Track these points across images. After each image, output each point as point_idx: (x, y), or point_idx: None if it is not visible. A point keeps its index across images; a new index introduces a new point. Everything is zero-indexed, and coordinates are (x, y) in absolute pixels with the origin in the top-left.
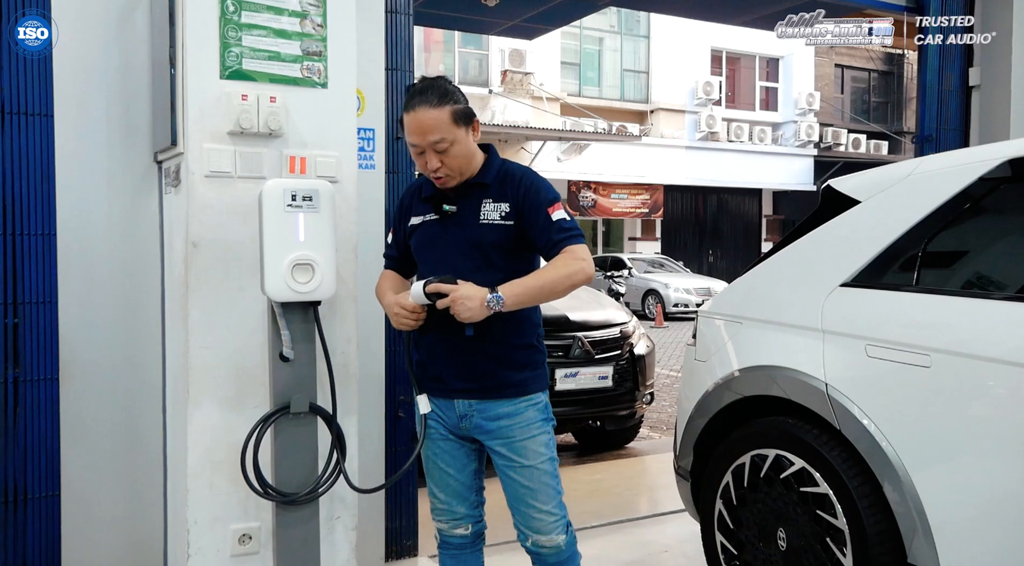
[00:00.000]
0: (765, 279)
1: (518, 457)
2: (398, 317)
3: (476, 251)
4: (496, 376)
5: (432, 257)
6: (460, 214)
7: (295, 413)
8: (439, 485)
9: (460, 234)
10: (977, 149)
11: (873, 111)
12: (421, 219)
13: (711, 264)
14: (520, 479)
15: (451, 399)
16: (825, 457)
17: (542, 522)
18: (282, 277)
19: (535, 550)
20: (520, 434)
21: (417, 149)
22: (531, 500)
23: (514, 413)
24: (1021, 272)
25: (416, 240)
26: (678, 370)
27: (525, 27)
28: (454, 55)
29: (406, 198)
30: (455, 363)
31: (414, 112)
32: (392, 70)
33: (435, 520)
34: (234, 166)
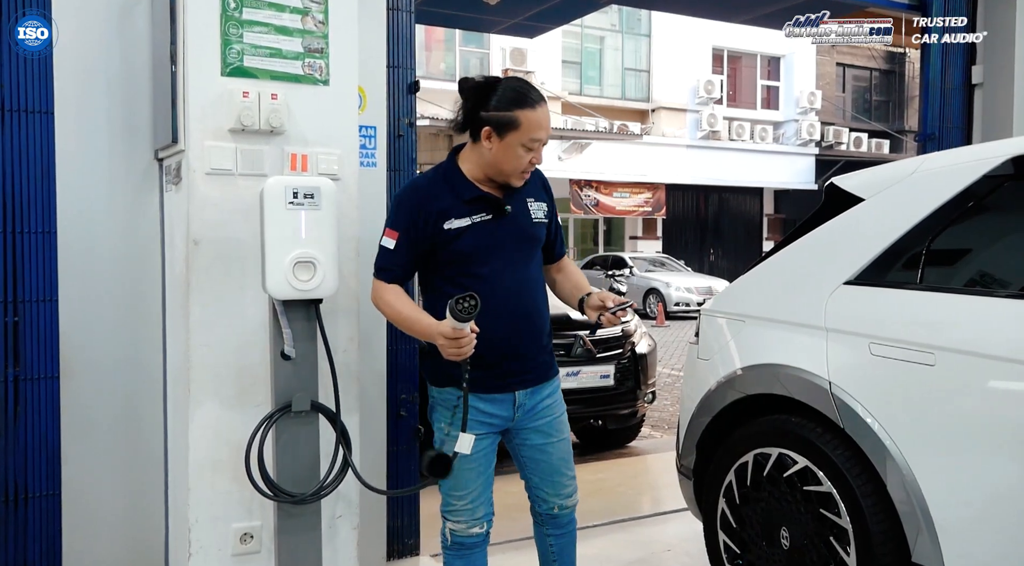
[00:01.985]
0: (768, 277)
1: (556, 432)
2: (453, 347)
3: (529, 247)
4: (546, 360)
5: (491, 258)
6: (514, 213)
7: (297, 412)
8: (467, 486)
9: (516, 232)
10: (980, 147)
11: (875, 110)
12: (469, 220)
13: (712, 263)
14: (557, 452)
15: (512, 391)
16: (828, 456)
17: (570, 487)
18: (284, 275)
19: (556, 514)
20: (558, 410)
21: (536, 144)
22: (564, 469)
23: (554, 392)
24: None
25: (468, 242)
26: (680, 369)
27: (526, 25)
28: (455, 54)
29: (429, 201)
30: (526, 354)
31: (542, 107)
32: (394, 67)
33: (451, 521)
34: (235, 164)
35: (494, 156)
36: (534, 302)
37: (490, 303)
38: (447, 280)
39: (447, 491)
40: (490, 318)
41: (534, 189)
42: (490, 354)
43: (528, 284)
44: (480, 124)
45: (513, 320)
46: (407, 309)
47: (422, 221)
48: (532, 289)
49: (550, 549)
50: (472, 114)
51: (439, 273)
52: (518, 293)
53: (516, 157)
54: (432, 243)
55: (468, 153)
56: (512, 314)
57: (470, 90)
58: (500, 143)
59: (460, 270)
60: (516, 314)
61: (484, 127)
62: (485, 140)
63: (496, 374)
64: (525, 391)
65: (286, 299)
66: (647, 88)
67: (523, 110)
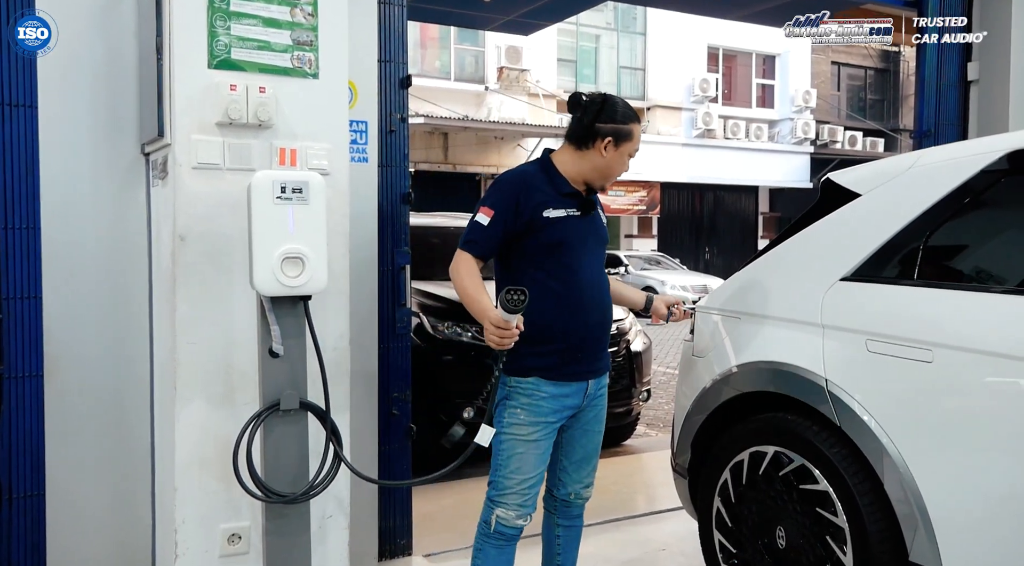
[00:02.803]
0: (764, 273)
1: (599, 422)
2: (496, 335)
3: (602, 246)
4: (608, 353)
5: (577, 251)
6: (594, 214)
7: (285, 410)
8: (529, 471)
9: (595, 231)
10: (978, 141)
11: (869, 108)
12: (564, 212)
13: (707, 261)
14: (594, 441)
15: (586, 380)
16: (825, 454)
17: (591, 478)
18: (271, 271)
19: (571, 501)
20: (605, 401)
21: (633, 154)
22: (593, 458)
23: (606, 384)
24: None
25: (559, 232)
26: (675, 367)
27: (521, 23)
28: (450, 51)
29: (532, 189)
30: (601, 344)
31: (640, 125)
32: (385, 62)
33: (501, 506)
34: (223, 158)
35: (607, 163)
36: (608, 297)
37: (578, 293)
38: (538, 267)
39: (506, 473)
40: (577, 308)
41: (598, 200)
42: (573, 342)
43: (604, 279)
44: (597, 134)
45: (596, 311)
46: (474, 286)
47: (523, 205)
48: (606, 284)
49: (556, 540)
50: (590, 125)
51: (530, 260)
52: (599, 286)
53: (623, 164)
54: (527, 227)
55: (568, 157)
56: (595, 305)
57: (587, 104)
58: (616, 152)
59: (552, 259)
60: (597, 306)
61: (605, 137)
62: (603, 149)
63: (578, 361)
64: (595, 380)
65: (274, 295)
66: (642, 86)
67: (635, 124)
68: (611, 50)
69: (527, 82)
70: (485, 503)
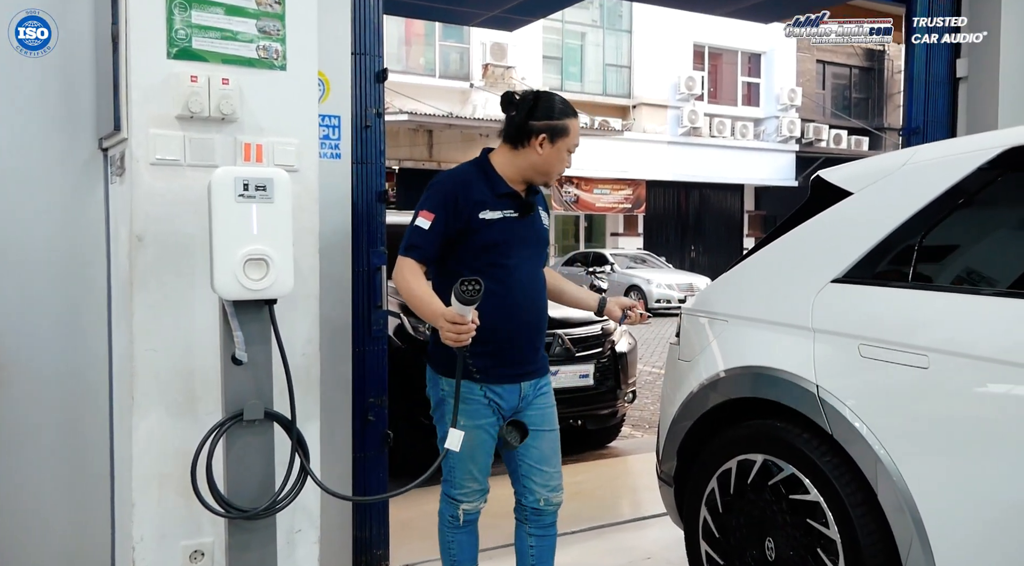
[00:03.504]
0: (752, 275)
1: (549, 422)
2: (452, 332)
3: (541, 248)
4: (545, 355)
5: (513, 252)
6: (532, 216)
7: (249, 421)
8: (482, 468)
9: (533, 233)
10: (975, 138)
11: (854, 107)
12: (501, 214)
13: (693, 260)
14: (548, 441)
15: (518, 382)
16: (816, 463)
17: (556, 480)
18: (233, 273)
19: (542, 508)
20: (551, 402)
21: (574, 148)
22: (553, 460)
23: (548, 384)
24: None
25: (496, 233)
26: (660, 367)
27: (505, 18)
28: (435, 48)
29: (469, 190)
30: (536, 347)
31: (578, 119)
32: (359, 55)
33: (466, 502)
34: (183, 153)
35: (544, 160)
36: (544, 299)
37: (512, 295)
38: (472, 270)
39: (461, 480)
40: (511, 309)
41: (539, 200)
42: (507, 345)
43: (540, 282)
44: (532, 132)
45: (531, 313)
46: (421, 289)
47: (461, 206)
48: (543, 286)
49: (530, 551)
50: (523, 123)
51: (463, 263)
52: (534, 288)
53: (562, 160)
54: (464, 230)
55: (504, 156)
56: (530, 307)
57: (520, 102)
58: (552, 148)
59: (487, 260)
60: (533, 308)
61: (539, 134)
62: (537, 146)
63: (510, 363)
64: (529, 382)
65: (236, 299)
66: (628, 84)
67: (570, 119)
68: (596, 47)
69: (512, 79)
70: (444, 499)
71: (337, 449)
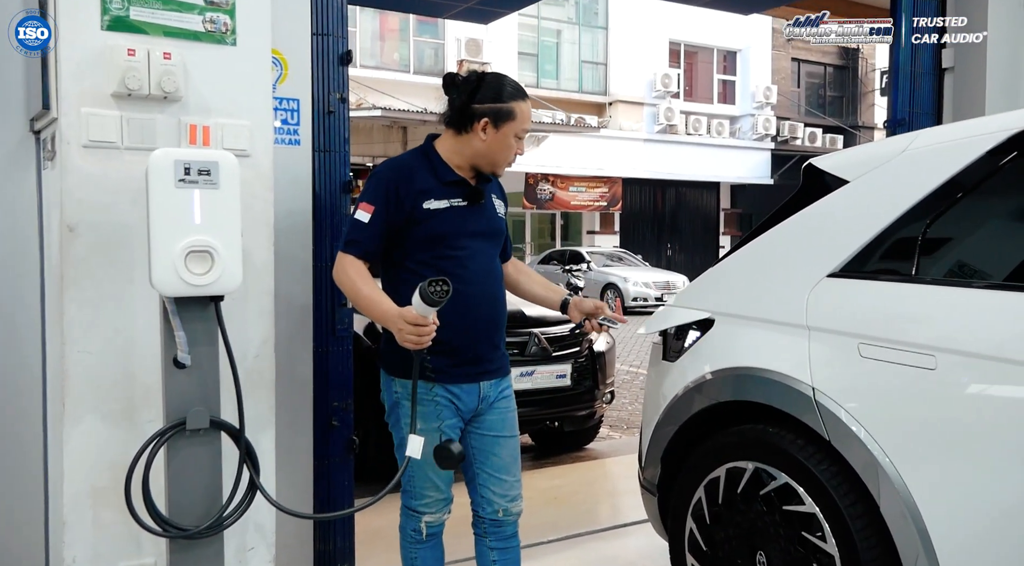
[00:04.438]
0: (741, 269)
1: (509, 428)
2: (413, 334)
3: (495, 238)
4: (504, 354)
5: (462, 243)
6: (484, 204)
7: (192, 430)
8: (444, 475)
9: (485, 222)
10: (979, 121)
11: (828, 105)
12: (447, 203)
13: (669, 258)
14: (508, 448)
15: (477, 382)
16: (812, 471)
17: (516, 490)
18: (173, 267)
19: (501, 519)
20: (512, 406)
21: (524, 133)
22: (512, 468)
23: (509, 387)
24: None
25: (442, 224)
26: (638, 365)
27: (480, 10)
28: (409, 44)
29: (412, 179)
30: (494, 345)
31: (528, 100)
32: (320, 35)
33: (428, 514)
34: (120, 135)
35: (488, 146)
36: (501, 292)
37: (466, 288)
38: (420, 263)
39: (418, 482)
40: (466, 304)
41: (495, 188)
42: (463, 342)
43: (495, 274)
44: (474, 116)
45: (487, 307)
46: (368, 288)
47: (403, 196)
48: (499, 280)
49: (493, 564)
50: (464, 107)
51: (410, 256)
52: (490, 281)
53: (509, 146)
54: (407, 221)
55: (449, 142)
56: (486, 301)
57: (461, 84)
58: (496, 133)
59: (436, 253)
60: (489, 302)
61: (481, 118)
62: (480, 131)
63: (467, 362)
64: (489, 382)
65: (177, 296)
66: (604, 81)
67: (516, 102)
68: (572, 45)
69: None
70: (404, 512)
71: (297, 457)
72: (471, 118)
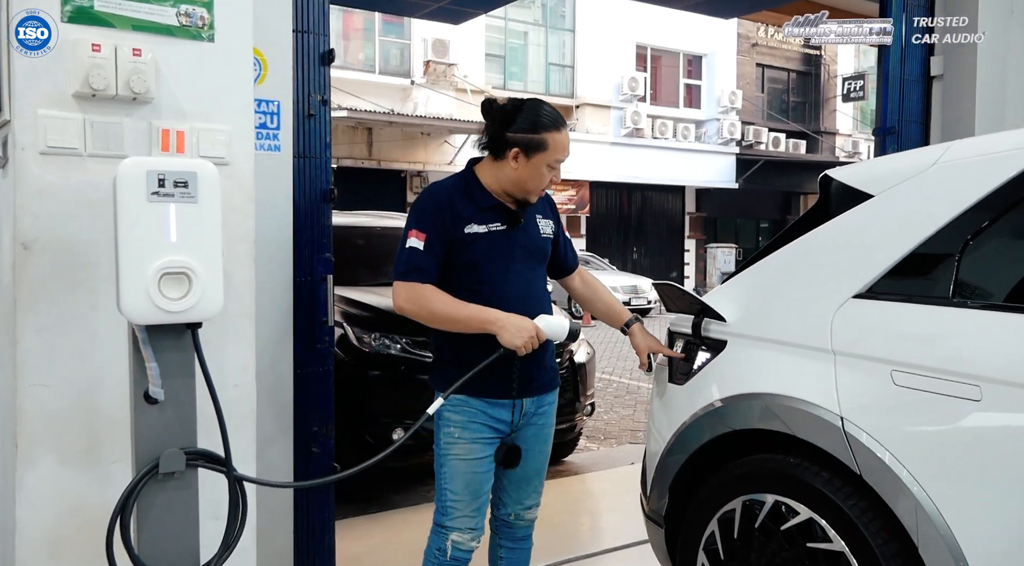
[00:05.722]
0: (756, 287)
1: (540, 442)
2: (529, 342)
3: (537, 260)
4: (549, 371)
5: (500, 267)
6: (525, 226)
7: (166, 474)
8: (478, 491)
9: (526, 244)
10: (1019, 133)
11: (792, 110)
12: (486, 228)
13: (636, 261)
14: (534, 461)
15: (520, 399)
16: (840, 507)
17: (533, 499)
18: (145, 292)
19: (513, 522)
20: (549, 421)
21: (558, 163)
22: (534, 480)
23: (553, 402)
24: None
25: (481, 249)
26: (612, 373)
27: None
28: (375, 44)
29: (453, 205)
30: (538, 360)
31: (565, 130)
32: (301, 32)
33: (456, 530)
34: (83, 140)
35: (519, 175)
36: (544, 310)
37: (506, 310)
38: (461, 285)
39: (454, 497)
40: None
41: (541, 207)
42: (507, 361)
43: (535, 295)
44: (507, 145)
45: None
46: (460, 304)
47: (448, 221)
48: (539, 300)
49: (500, 563)
50: (499, 135)
51: (454, 278)
52: (525, 303)
53: (540, 176)
54: (451, 246)
55: (487, 168)
56: None
57: (497, 112)
58: (527, 163)
59: (471, 276)
60: None
61: (512, 148)
62: (512, 160)
63: (503, 379)
64: (532, 399)
65: (149, 324)
66: (571, 84)
67: (550, 133)
68: (539, 47)
69: (454, 77)
70: (433, 530)
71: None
72: (504, 146)
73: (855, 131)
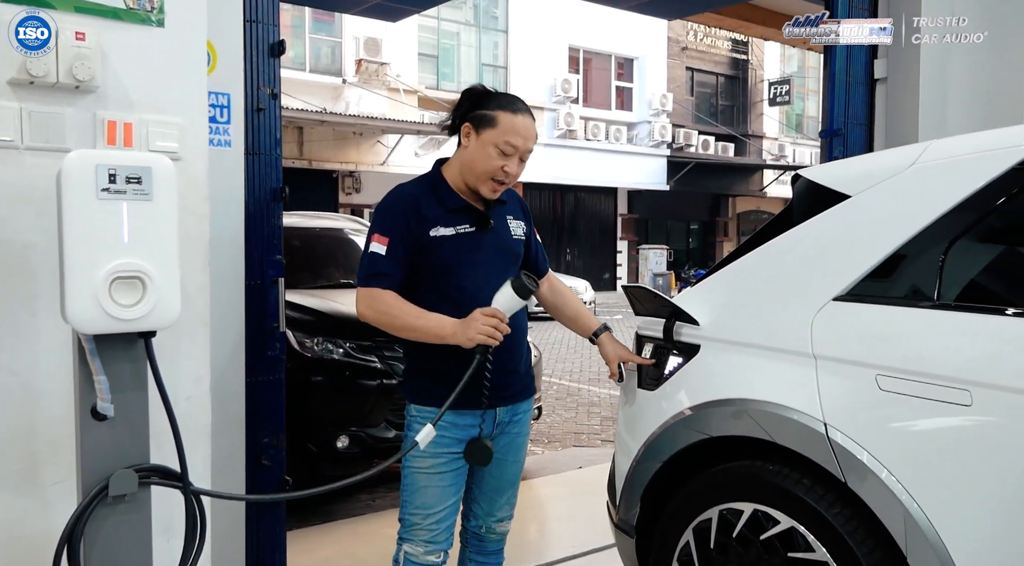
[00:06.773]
0: (731, 289)
1: (514, 453)
2: (489, 325)
3: (507, 263)
4: (524, 378)
5: (470, 270)
6: (495, 227)
7: (116, 496)
8: (434, 505)
9: (497, 245)
10: (1003, 133)
11: (720, 114)
12: (454, 230)
13: (569, 263)
14: (507, 473)
15: (494, 408)
16: (823, 515)
17: (505, 511)
18: (94, 298)
19: (484, 534)
20: (524, 431)
21: (510, 151)
22: (507, 491)
23: (527, 412)
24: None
25: (449, 252)
26: (550, 375)
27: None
28: (304, 41)
29: (419, 207)
30: (513, 368)
31: (523, 115)
32: (252, 22)
33: (408, 541)
34: (19, 132)
35: (469, 154)
36: (518, 317)
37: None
38: (430, 289)
39: (411, 509)
40: None
41: (513, 208)
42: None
43: None
44: (460, 124)
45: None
46: (418, 312)
47: (413, 225)
48: None
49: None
50: (462, 116)
51: (421, 283)
52: None
53: (488, 157)
54: (417, 250)
55: (452, 162)
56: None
57: (467, 95)
58: (476, 140)
59: (444, 280)
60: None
61: (464, 124)
62: (464, 137)
63: (474, 387)
64: (506, 408)
65: (99, 333)
66: (505, 85)
67: (503, 111)
68: (471, 48)
69: (387, 76)
70: (397, 541)
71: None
72: (459, 128)
73: (781, 135)
